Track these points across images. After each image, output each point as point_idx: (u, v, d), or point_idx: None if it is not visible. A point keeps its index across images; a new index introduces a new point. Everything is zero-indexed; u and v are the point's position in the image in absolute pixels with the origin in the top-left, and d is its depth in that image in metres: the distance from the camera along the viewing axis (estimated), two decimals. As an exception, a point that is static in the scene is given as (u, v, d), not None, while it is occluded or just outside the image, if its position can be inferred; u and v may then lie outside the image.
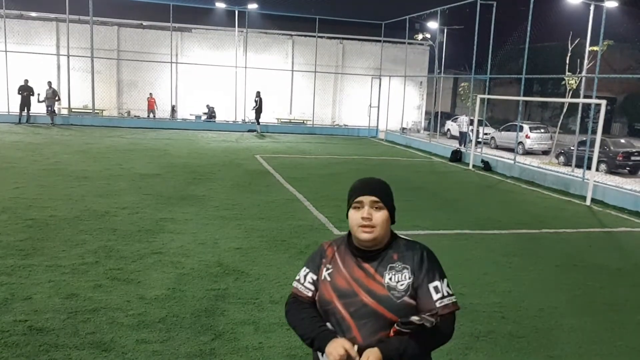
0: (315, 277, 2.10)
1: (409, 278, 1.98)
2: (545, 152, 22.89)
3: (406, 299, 1.97)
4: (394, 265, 2.00)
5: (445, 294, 2.00)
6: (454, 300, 2.03)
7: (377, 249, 2.02)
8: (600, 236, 8.92)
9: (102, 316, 4.61)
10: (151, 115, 27.23)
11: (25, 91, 22.31)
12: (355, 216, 2.02)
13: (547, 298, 5.72)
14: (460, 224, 8.92)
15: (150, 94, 27.49)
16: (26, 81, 22.53)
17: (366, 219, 1.98)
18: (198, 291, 5.28)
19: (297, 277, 2.17)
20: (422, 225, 8.56)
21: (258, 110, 24.50)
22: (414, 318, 1.87)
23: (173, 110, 27.50)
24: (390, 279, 1.98)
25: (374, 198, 2.01)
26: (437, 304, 1.98)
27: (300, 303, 2.12)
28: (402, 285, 1.98)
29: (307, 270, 2.14)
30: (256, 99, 24.50)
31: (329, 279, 2.05)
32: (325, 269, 2.08)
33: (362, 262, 2.02)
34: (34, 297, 4.92)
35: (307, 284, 2.12)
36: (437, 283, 2.01)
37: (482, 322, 4.97)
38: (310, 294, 2.10)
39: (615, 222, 10.02)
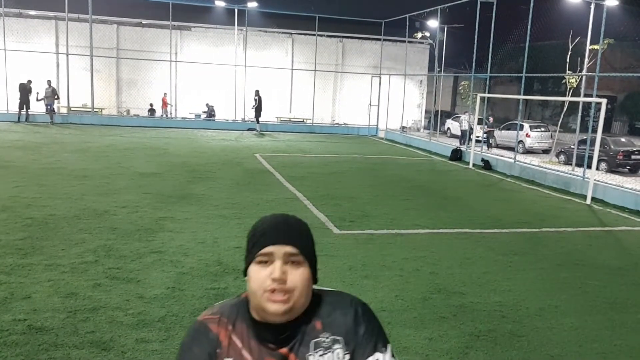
0: None
1: (344, 356, 1.38)
2: (546, 151, 22.89)
3: None
4: (319, 340, 1.39)
5: None
6: None
7: (292, 320, 1.38)
8: (600, 235, 8.91)
9: (101, 315, 4.60)
10: (164, 114, 27.14)
11: (23, 90, 22.31)
12: (259, 276, 1.34)
13: (547, 297, 5.71)
14: (461, 222, 8.91)
15: (165, 93, 27.53)
16: (29, 81, 22.54)
17: (278, 281, 1.33)
18: (197, 290, 5.27)
19: None
20: (422, 224, 8.55)
21: (258, 109, 24.48)
22: None
23: (152, 109, 27.45)
24: None
25: (289, 249, 1.36)
26: None
27: None
28: None
29: None
30: (255, 97, 24.49)
31: None
32: None
33: (275, 347, 1.38)
34: (33, 296, 4.91)
35: None
36: (379, 356, 1.39)
37: (482, 321, 4.96)
38: None
39: (615, 221, 10.01)
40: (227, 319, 1.42)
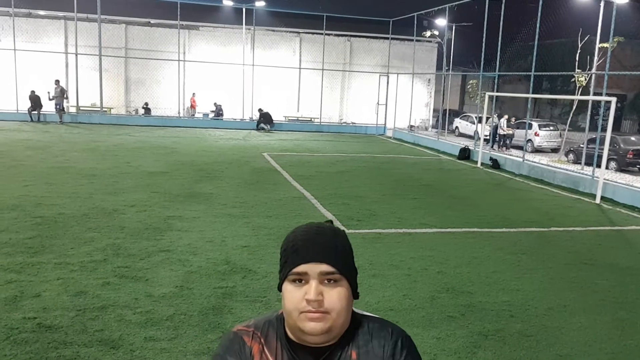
0: None
1: None
2: (555, 150, 22.77)
3: None
4: None
5: None
6: None
7: (329, 344, 1.29)
8: (610, 234, 8.85)
9: (110, 314, 4.62)
10: (193, 114, 27.23)
11: (34, 102, 22.62)
12: (294, 296, 1.25)
13: (556, 296, 5.68)
14: (469, 222, 8.88)
15: (194, 93, 27.64)
16: (33, 92, 22.77)
17: (314, 303, 1.23)
18: (206, 289, 5.29)
19: None
20: (430, 224, 8.53)
21: (266, 122, 24.82)
22: None
23: (147, 108, 27.53)
24: None
25: (325, 267, 1.25)
26: None
27: None
28: None
29: None
30: (261, 118, 24.88)
31: None
32: None
33: None
34: (42, 294, 4.94)
35: None
36: None
37: (491, 321, 4.94)
38: None
39: (625, 221, 9.94)
40: (261, 333, 1.36)
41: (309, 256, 1.25)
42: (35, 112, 22.83)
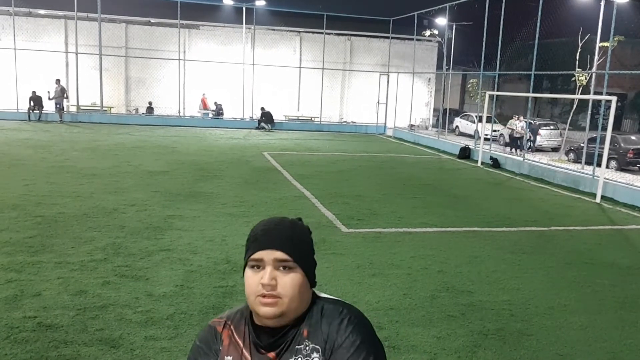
0: None
1: None
2: (555, 149, 22.75)
3: None
4: (300, 347, 1.38)
5: None
6: None
7: (284, 325, 1.40)
8: (610, 234, 8.85)
9: (110, 313, 4.62)
10: (205, 114, 27.20)
11: (35, 102, 22.63)
12: (251, 281, 1.37)
13: (556, 296, 5.68)
14: (469, 221, 8.88)
15: (204, 93, 27.63)
16: (34, 92, 22.79)
17: (267, 287, 1.34)
18: (206, 288, 5.29)
19: None
20: (431, 223, 8.53)
21: (267, 121, 24.82)
22: None
23: (150, 107, 27.53)
24: None
25: (279, 254, 1.36)
26: None
27: None
28: None
29: None
30: (262, 118, 24.89)
31: None
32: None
33: (265, 351, 1.41)
34: (43, 293, 4.95)
35: None
36: None
37: (491, 320, 4.94)
38: None
39: (625, 220, 9.94)
40: (232, 321, 1.48)
41: (265, 244, 1.37)
42: (37, 112, 22.86)
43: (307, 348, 1.38)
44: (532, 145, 22.06)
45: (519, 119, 22.04)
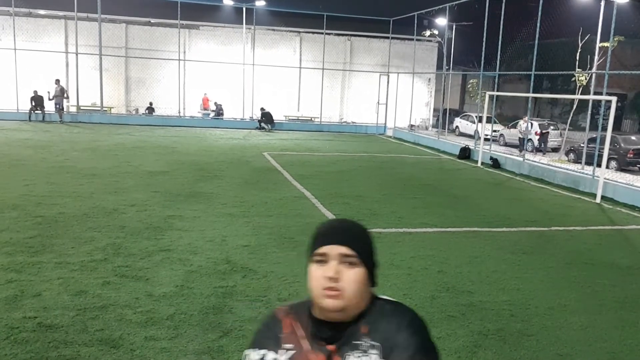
0: (277, 357, 1.48)
1: None
2: (555, 149, 22.75)
3: None
4: (359, 342, 1.41)
5: None
6: None
7: (345, 321, 1.43)
8: (610, 234, 8.85)
9: (110, 313, 4.62)
10: (205, 114, 27.13)
11: (37, 102, 22.65)
12: (316, 274, 1.43)
13: (556, 296, 5.68)
14: (469, 221, 8.88)
15: (205, 93, 27.62)
16: (35, 92, 22.81)
17: (332, 280, 1.40)
18: (206, 288, 5.29)
19: None
20: (431, 223, 8.53)
21: (267, 121, 24.81)
22: None
23: (151, 108, 27.52)
24: None
25: (343, 250, 1.42)
26: None
27: None
28: None
29: (263, 351, 1.50)
30: (262, 118, 24.87)
31: None
32: (285, 349, 1.49)
33: (324, 343, 1.44)
34: (43, 294, 4.95)
35: None
36: None
37: (491, 320, 4.94)
38: None
39: (625, 220, 9.94)
40: (294, 311, 1.54)
41: (329, 239, 1.44)
42: (39, 112, 22.88)
43: (366, 344, 1.41)
44: (543, 146, 21.79)
45: (524, 119, 21.80)
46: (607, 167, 13.95)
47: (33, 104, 22.76)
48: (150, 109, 27.40)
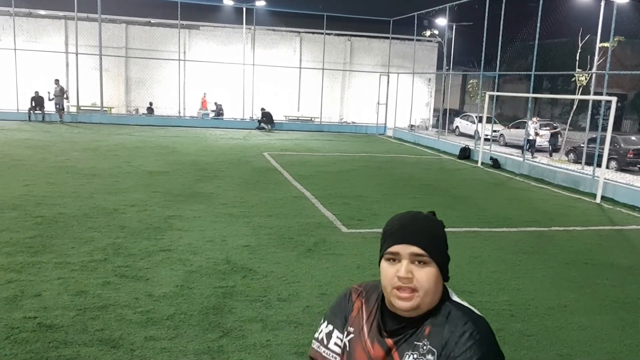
0: (342, 337, 1.54)
1: None
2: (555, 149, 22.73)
3: None
4: (418, 344, 1.41)
5: None
6: None
7: (413, 317, 1.44)
8: (610, 234, 8.85)
9: (110, 313, 4.62)
10: (205, 114, 27.08)
11: (37, 102, 22.66)
12: (389, 272, 1.42)
13: (556, 296, 5.68)
14: (469, 221, 8.88)
15: (205, 93, 27.60)
16: (37, 92, 22.82)
17: (404, 280, 1.40)
18: (206, 289, 5.29)
19: (317, 336, 1.59)
20: (431, 223, 8.50)
21: (267, 121, 24.81)
22: None
23: (150, 108, 27.52)
24: None
25: (415, 249, 1.41)
26: None
27: None
28: None
29: (331, 327, 1.56)
30: (262, 118, 24.86)
31: (347, 347, 1.52)
32: (347, 332, 1.53)
33: (386, 335, 1.46)
34: (43, 294, 4.95)
35: (332, 347, 1.55)
36: None
37: (491, 320, 4.88)
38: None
39: (625, 220, 9.94)
40: (367, 293, 1.56)
41: (401, 238, 1.42)
42: (39, 112, 22.89)
43: (425, 347, 1.39)
44: (551, 148, 21.35)
45: (533, 120, 21.47)
46: (607, 167, 13.95)
47: (33, 104, 22.77)
48: (150, 109, 27.40)
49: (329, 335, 1.55)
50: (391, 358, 1.43)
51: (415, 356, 1.39)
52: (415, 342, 1.41)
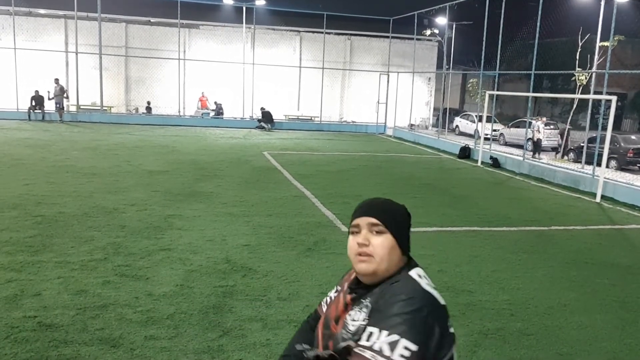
0: (333, 293, 1.87)
1: (364, 320, 1.55)
2: (555, 149, 22.74)
3: (351, 344, 1.53)
4: (364, 301, 1.60)
5: (377, 349, 1.43)
6: None
7: (373, 283, 1.63)
8: (610, 233, 8.85)
9: (110, 312, 4.62)
10: (205, 113, 27.04)
11: (37, 101, 22.66)
12: (352, 243, 1.66)
13: (556, 295, 5.68)
14: (469, 220, 8.88)
15: (203, 92, 27.58)
16: (37, 92, 22.82)
17: (362, 245, 1.61)
18: (206, 288, 5.29)
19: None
20: (431, 223, 8.53)
21: (267, 121, 24.81)
22: (312, 353, 1.67)
23: (149, 107, 27.52)
24: (350, 314, 1.62)
25: (372, 219, 1.63)
26: (354, 347, 1.51)
27: (308, 317, 1.94)
28: (353, 325, 1.57)
29: (334, 288, 1.90)
30: (262, 118, 24.86)
31: (331, 300, 1.82)
32: (336, 289, 1.85)
33: (348, 292, 1.71)
34: (43, 293, 4.95)
35: (326, 298, 1.88)
36: (375, 330, 1.47)
37: (491, 320, 4.94)
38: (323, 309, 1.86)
39: (625, 219, 9.94)
40: (349, 273, 1.81)
41: (361, 212, 1.67)
42: (40, 111, 22.89)
43: (364, 303, 1.60)
44: (559, 149, 20.99)
45: (540, 120, 21.25)
46: (607, 166, 13.95)
47: (33, 103, 22.77)
48: (148, 108, 27.40)
49: (330, 292, 1.88)
50: (346, 311, 1.65)
51: (357, 310, 1.60)
52: (362, 300, 1.61)
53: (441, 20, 28.90)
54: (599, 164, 12.46)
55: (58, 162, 12.33)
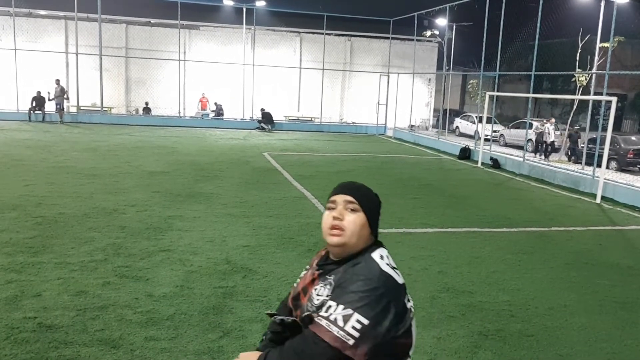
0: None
1: (327, 296, 1.70)
2: (555, 149, 22.73)
3: (313, 314, 1.70)
4: (329, 278, 1.75)
5: (333, 319, 1.61)
6: (336, 334, 1.58)
7: (340, 259, 1.78)
8: (610, 234, 8.85)
9: (110, 313, 4.62)
10: (205, 115, 26.99)
11: (38, 102, 22.67)
12: (327, 217, 1.80)
13: (556, 296, 5.67)
14: (469, 221, 8.87)
15: (203, 93, 27.58)
16: (38, 92, 22.84)
17: (336, 219, 1.76)
18: (206, 289, 5.28)
19: None
20: (431, 223, 8.52)
21: (267, 122, 24.81)
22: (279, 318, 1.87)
23: (147, 108, 27.51)
24: (316, 289, 1.76)
25: (348, 197, 1.79)
26: (314, 316, 1.67)
27: (287, 296, 2.04)
28: (317, 300, 1.73)
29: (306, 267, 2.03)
30: (262, 118, 24.87)
31: (299, 279, 1.95)
32: (309, 265, 1.97)
33: (316, 268, 1.86)
34: (43, 294, 4.94)
35: (298, 280, 1.99)
36: (333, 304, 1.65)
37: (491, 321, 4.94)
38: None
39: (625, 220, 9.94)
40: (318, 254, 1.96)
41: (339, 190, 1.85)
42: (39, 112, 22.90)
43: (328, 280, 1.74)
44: (569, 153, 20.48)
45: (549, 121, 21.07)
46: (607, 167, 13.95)
47: (34, 104, 22.78)
48: (147, 109, 27.39)
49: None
50: (312, 286, 1.79)
51: (322, 285, 1.75)
52: (327, 277, 1.75)
53: (441, 21, 28.91)
54: (599, 165, 12.46)
55: (58, 163, 12.33)
